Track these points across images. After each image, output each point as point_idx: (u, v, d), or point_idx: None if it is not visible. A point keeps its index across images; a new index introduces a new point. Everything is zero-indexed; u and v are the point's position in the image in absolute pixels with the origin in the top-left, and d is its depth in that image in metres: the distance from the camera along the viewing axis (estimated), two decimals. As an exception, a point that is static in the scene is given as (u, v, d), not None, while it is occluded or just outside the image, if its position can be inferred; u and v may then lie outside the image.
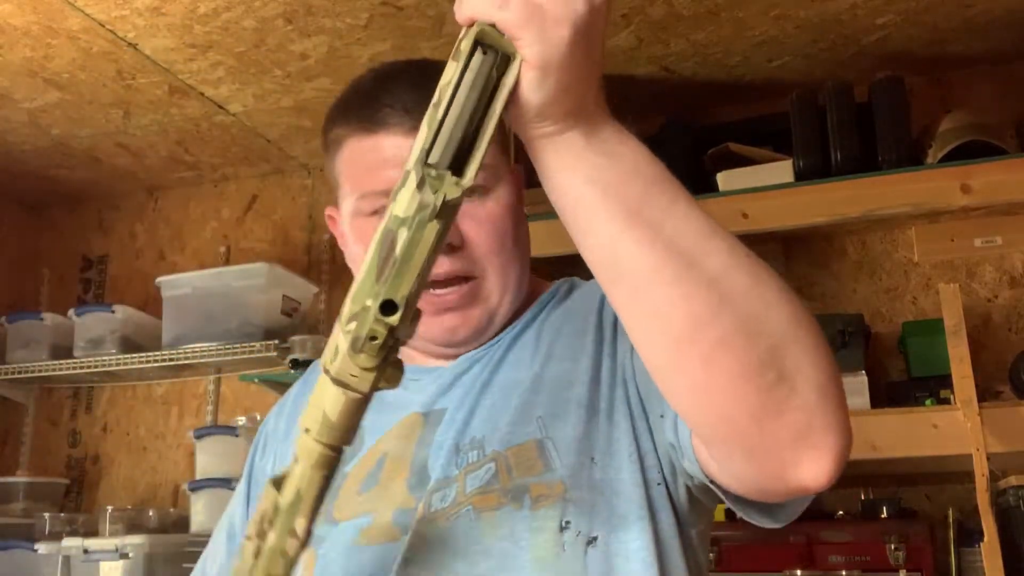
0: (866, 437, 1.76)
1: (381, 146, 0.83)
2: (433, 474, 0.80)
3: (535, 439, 0.79)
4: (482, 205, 0.84)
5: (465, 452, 0.80)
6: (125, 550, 2.14)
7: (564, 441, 0.78)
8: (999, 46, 2.11)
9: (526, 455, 0.78)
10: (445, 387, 0.86)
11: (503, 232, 0.85)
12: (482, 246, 0.84)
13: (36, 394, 2.84)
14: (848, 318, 1.94)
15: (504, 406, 0.82)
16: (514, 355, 0.86)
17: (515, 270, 0.87)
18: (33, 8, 1.89)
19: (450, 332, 0.85)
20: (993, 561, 1.57)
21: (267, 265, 2.37)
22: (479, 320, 0.86)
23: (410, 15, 1.93)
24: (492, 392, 0.84)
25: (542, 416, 0.80)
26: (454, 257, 0.83)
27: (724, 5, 1.90)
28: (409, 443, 0.84)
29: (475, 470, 0.79)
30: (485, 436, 0.80)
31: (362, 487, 0.84)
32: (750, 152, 2.06)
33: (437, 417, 0.84)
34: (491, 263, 0.85)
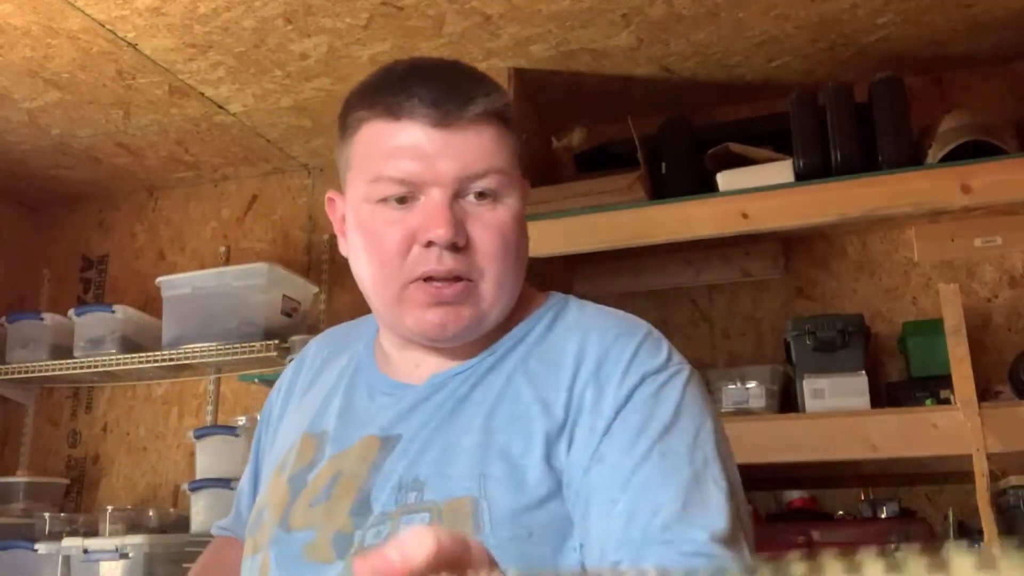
0: (866, 437, 1.76)
1: (402, 134, 0.83)
2: (375, 506, 0.80)
3: (472, 497, 0.77)
4: (492, 210, 0.85)
5: (407, 490, 0.80)
6: (125, 550, 2.14)
7: (501, 508, 0.77)
8: (999, 46, 2.11)
9: (460, 511, 0.77)
10: (405, 411, 0.86)
11: (507, 240, 0.85)
12: (485, 250, 0.84)
13: (36, 394, 2.84)
14: (848, 318, 1.94)
15: (454, 448, 0.81)
16: (480, 393, 0.85)
17: (511, 279, 0.87)
18: (33, 8, 1.89)
19: (440, 327, 0.85)
20: (993, 561, 1.57)
21: (267, 265, 2.37)
22: (469, 319, 0.85)
23: (410, 15, 1.93)
24: (448, 430, 0.83)
25: (485, 475, 0.78)
26: (457, 256, 0.83)
27: (724, 5, 1.90)
28: (363, 466, 0.84)
29: (411, 513, 0.79)
30: (428, 478, 0.80)
31: (313, 500, 0.85)
32: (750, 152, 2.06)
33: (392, 443, 0.84)
34: (490, 268, 0.84)
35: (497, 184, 0.84)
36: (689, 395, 0.82)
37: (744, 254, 2.25)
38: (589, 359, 0.83)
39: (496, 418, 0.82)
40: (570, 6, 1.89)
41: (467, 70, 0.90)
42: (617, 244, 1.98)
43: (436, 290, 0.84)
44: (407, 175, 0.82)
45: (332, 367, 0.99)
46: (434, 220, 0.81)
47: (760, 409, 1.92)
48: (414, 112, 0.82)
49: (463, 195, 0.83)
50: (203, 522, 2.25)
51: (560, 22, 1.96)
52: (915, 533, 1.83)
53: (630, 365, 0.82)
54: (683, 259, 2.27)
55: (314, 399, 0.96)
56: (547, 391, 0.83)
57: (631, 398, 0.80)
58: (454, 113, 0.82)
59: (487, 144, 0.84)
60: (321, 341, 1.07)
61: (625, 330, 0.86)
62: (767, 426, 1.85)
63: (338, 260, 2.65)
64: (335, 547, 0.80)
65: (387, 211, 0.84)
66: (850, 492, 2.03)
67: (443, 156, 0.82)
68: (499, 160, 0.84)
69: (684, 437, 0.78)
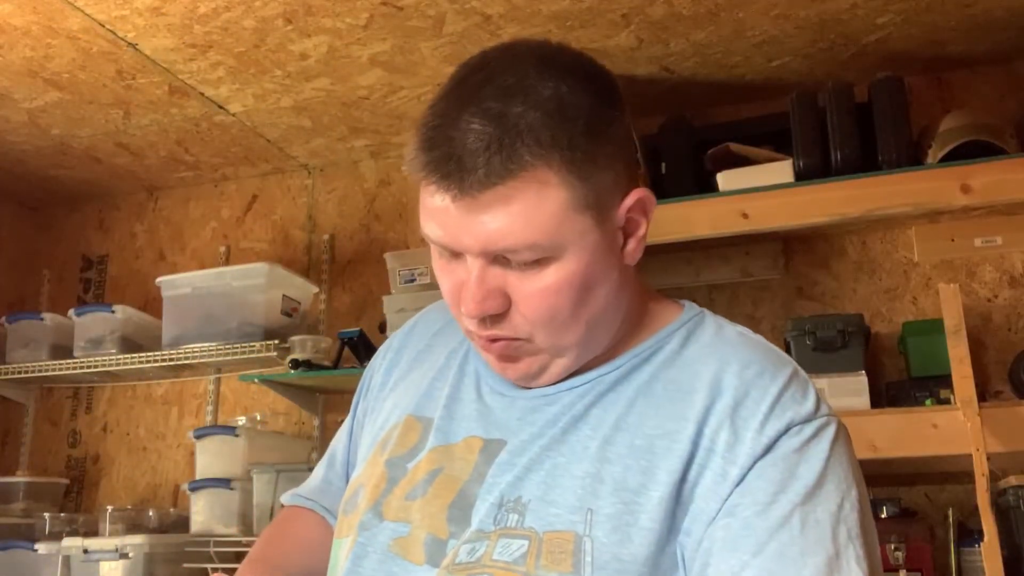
0: (866, 437, 1.76)
1: (431, 198, 0.74)
2: (474, 519, 0.76)
3: (575, 533, 0.72)
4: (537, 275, 0.74)
5: (507, 511, 0.75)
6: (125, 550, 2.14)
7: (605, 551, 0.71)
8: (999, 46, 2.11)
9: (561, 547, 0.72)
10: (514, 418, 0.81)
11: (555, 306, 0.75)
12: (528, 317, 0.76)
13: (36, 394, 2.84)
14: (848, 318, 1.95)
15: (564, 473, 0.76)
16: (598, 414, 0.79)
17: (574, 335, 0.78)
18: (33, 8, 1.89)
19: (502, 373, 0.82)
20: (993, 561, 1.57)
21: (267, 265, 2.37)
22: (527, 370, 0.80)
23: (410, 15, 1.93)
24: (559, 450, 0.77)
25: (593, 510, 0.73)
26: (497, 322, 0.76)
27: (724, 5, 1.90)
28: (466, 468, 0.80)
29: (509, 537, 0.74)
30: (531, 501, 0.75)
31: (410, 493, 0.81)
32: (750, 152, 2.06)
33: (494, 448, 0.80)
34: (539, 332, 0.77)
35: (533, 256, 0.73)
36: (837, 454, 0.73)
37: (744, 254, 2.25)
38: (726, 394, 0.75)
39: (613, 447, 0.76)
40: (570, 6, 1.89)
41: (536, 94, 0.73)
42: (617, 244, 1.98)
43: (485, 344, 0.79)
44: (439, 242, 0.76)
45: (442, 345, 0.94)
46: (465, 292, 0.75)
47: (760, 409, 1.91)
48: (437, 179, 0.73)
49: (504, 259, 0.74)
50: (203, 522, 2.25)
51: (560, 22, 1.96)
52: (915, 533, 1.83)
53: (773, 409, 0.74)
54: (683, 259, 2.27)
55: (421, 378, 0.92)
56: (673, 422, 0.75)
57: (772, 448, 0.72)
58: (476, 188, 0.71)
59: (515, 220, 0.71)
60: (434, 312, 1.00)
61: (769, 367, 0.77)
62: (767, 426, 1.84)
63: (338, 260, 2.65)
64: (426, 550, 0.77)
65: (441, 258, 0.79)
66: (850, 492, 2.03)
67: (465, 231, 0.73)
68: (530, 233, 0.72)
69: (828, 506, 0.70)
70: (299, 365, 2.26)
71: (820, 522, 0.69)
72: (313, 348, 2.30)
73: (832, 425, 0.75)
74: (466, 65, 0.78)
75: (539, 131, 0.71)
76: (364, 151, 2.64)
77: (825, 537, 0.68)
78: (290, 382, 2.35)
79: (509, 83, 0.73)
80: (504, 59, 0.76)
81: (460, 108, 0.73)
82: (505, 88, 0.72)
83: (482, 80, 0.74)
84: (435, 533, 0.77)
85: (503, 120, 0.71)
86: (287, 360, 2.27)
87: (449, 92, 0.76)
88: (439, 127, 0.73)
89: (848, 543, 0.69)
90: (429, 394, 0.89)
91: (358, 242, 2.65)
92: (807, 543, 0.68)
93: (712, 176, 2.06)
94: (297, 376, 2.28)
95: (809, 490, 0.70)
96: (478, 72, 0.75)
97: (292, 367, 2.26)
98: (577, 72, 0.76)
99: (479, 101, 0.72)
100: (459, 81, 0.76)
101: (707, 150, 2.12)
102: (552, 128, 0.71)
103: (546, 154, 0.71)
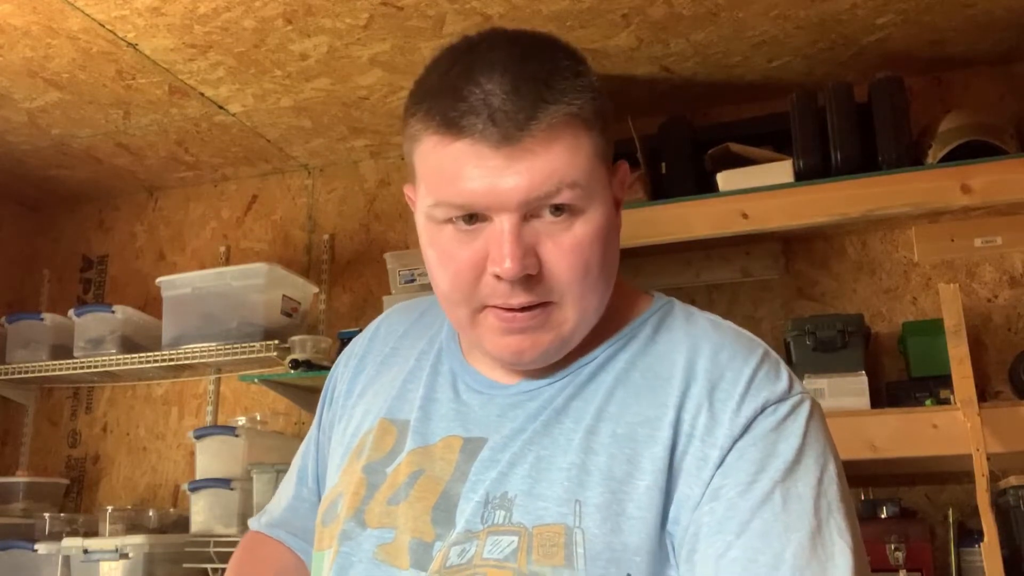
0: (866, 437, 1.76)
1: (460, 155, 0.73)
2: (459, 519, 0.76)
3: (565, 525, 0.72)
4: (568, 229, 0.75)
5: (494, 508, 0.75)
6: (125, 550, 2.14)
7: (596, 541, 0.72)
8: (999, 46, 2.11)
9: (551, 540, 0.72)
10: (494, 415, 0.81)
11: (588, 259, 0.76)
12: (562, 276, 0.76)
13: (36, 394, 2.84)
14: (848, 318, 1.94)
15: (549, 465, 0.76)
16: (578, 406, 0.79)
17: (596, 298, 0.79)
18: (33, 8, 1.89)
19: (517, 354, 0.79)
20: (993, 561, 1.57)
21: (267, 265, 2.37)
22: (549, 344, 0.79)
23: (410, 15, 1.93)
24: (542, 443, 0.77)
25: (581, 501, 0.73)
26: (531, 286, 0.75)
27: (724, 5, 1.90)
28: (447, 468, 0.79)
29: (498, 534, 0.74)
30: (518, 496, 0.75)
31: (392, 498, 0.80)
32: (750, 152, 2.06)
33: (476, 446, 0.79)
34: (571, 292, 0.77)
35: (572, 199, 0.74)
36: (813, 430, 0.75)
37: (744, 254, 2.25)
38: (701, 378, 0.77)
39: (596, 437, 0.76)
40: (570, 6, 1.89)
41: (541, 56, 0.76)
42: (617, 244, 1.98)
43: (511, 317, 0.77)
44: (468, 201, 0.74)
45: (409, 348, 0.93)
46: (500, 252, 0.73)
47: (760, 409, 1.91)
48: (473, 130, 0.72)
49: (535, 215, 0.74)
50: (203, 522, 2.25)
51: (560, 22, 1.96)
52: (915, 533, 1.83)
53: (748, 390, 0.75)
54: (683, 259, 2.27)
55: (391, 381, 0.90)
56: (653, 409, 0.77)
57: (749, 429, 0.74)
58: (517, 129, 0.71)
59: (558, 158, 0.73)
60: (395, 315, 0.99)
61: (741, 349, 0.79)
62: (767, 426, 1.84)
63: (338, 260, 2.65)
64: (411, 553, 0.76)
65: (455, 232, 0.76)
66: (850, 492, 2.03)
67: (505, 179, 0.72)
68: (573, 172, 0.74)
69: (808, 479, 0.72)
70: (299, 365, 2.26)
71: (801, 496, 0.71)
72: (313, 348, 2.30)
73: (806, 402, 0.77)
74: (455, 46, 0.80)
75: (568, 79, 0.75)
76: (364, 151, 2.64)
77: (807, 511, 0.70)
78: (290, 382, 2.35)
79: (522, 47, 0.76)
80: (494, 38, 0.79)
81: (477, 66, 0.74)
82: (517, 53, 0.75)
83: (487, 48, 0.76)
84: (420, 536, 0.77)
85: (534, 77, 0.73)
86: (287, 360, 2.27)
87: (453, 58, 0.77)
88: (459, 82, 0.74)
89: (829, 516, 0.71)
90: (402, 396, 0.88)
91: (358, 242, 2.65)
92: (790, 518, 0.70)
93: (712, 176, 2.06)
94: (297, 376, 2.28)
95: (788, 466, 0.72)
96: (476, 44, 0.78)
97: (292, 367, 2.26)
98: (563, 44, 0.80)
99: (497, 60, 0.74)
100: (460, 52, 0.78)
101: (707, 150, 2.12)
102: (577, 77, 0.75)
103: (580, 98, 0.74)
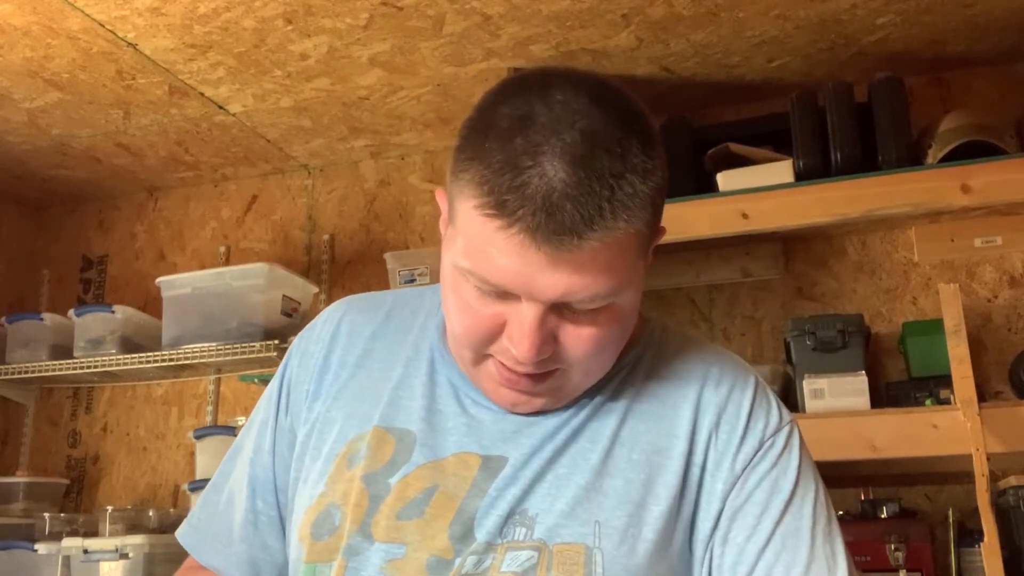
0: (866, 437, 1.76)
1: (505, 240, 0.69)
2: (479, 533, 0.76)
3: (585, 545, 0.75)
4: (593, 321, 0.74)
5: (514, 524, 0.77)
6: (125, 550, 2.14)
7: (614, 562, 0.75)
8: (999, 46, 2.11)
9: (572, 557, 0.75)
10: (511, 432, 0.81)
11: (606, 343, 0.77)
12: (575, 354, 0.76)
13: (36, 394, 2.84)
14: (848, 318, 1.94)
15: (568, 484, 0.78)
16: (595, 428, 0.81)
17: (605, 366, 0.80)
18: (33, 8, 1.89)
19: (512, 406, 0.81)
20: (993, 561, 1.57)
21: (267, 265, 2.37)
22: (545, 404, 0.80)
23: (410, 15, 1.93)
24: (560, 462, 0.79)
25: (600, 523, 0.76)
26: (542, 361, 0.75)
27: (724, 5, 1.90)
28: (463, 484, 0.79)
29: (517, 550, 0.76)
30: (539, 515, 0.77)
31: (402, 512, 0.79)
32: (750, 152, 2.06)
33: (496, 465, 0.79)
34: (580, 366, 0.77)
35: (604, 303, 0.73)
36: (803, 460, 0.83)
37: (744, 254, 2.25)
38: (707, 411, 0.82)
39: (613, 460, 0.79)
40: (570, 6, 1.89)
41: (613, 141, 0.70)
42: (617, 244, 1.97)
43: (515, 378, 0.77)
44: (500, 282, 0.72)
45: (387, 352, 0.89)
46: (520, 335, 0.73)
47: (760, 409, 1.91)
48: (523, 221, 0.68)
49: (566, 307, 0.73)
50: (203, 522, 2.25)
51: (560, 22, 1.96)
52: (915, 533, 1.83)
53: (748, 424, 0.82)
54: (683, 259, 2.27)
55: (375, 387, 0.87)
56: (665, 439, 0.81)
57: (751, 466, 0.81)
58: (569, 235, 0.68)
59: (603, 274, 0.71)
60: (356, 314, 0.94)
61: (740, 381, 0.85)
62: (767, 426, 1.84)
63: (338, 260, 2.65)
64: (429, 571, 0.76)
65: (480, 291, 0.75)
66: (850, 492, 2.03)
67: (544, 276, 0.70)
68: (614, 284, 0.72)
69: (804, 510, 0.80)
70: (299, 365, 2.25)
71: (800, 531, 0.79)
72: (313, 348, 2.30)
73: (794, 429, 0.85)
74: (527, 91, 0.73)
75: (637, 181, 0.70)
76: (364, 151, 2.64)
77: (804, 543, 0.78)
78: (290, 382, 2.35)
79: (594, 129, 0.70)
80: (568, 96, 0.72)
81: (546, 142, 0.69)
82: (592, 136, 0.69)
83: (557, 120, 0.70)
84: (440, 554, 0.76)
85: (601, 178, 0.69)
86: (287, 360, 2.27)
87: (522, 116, 0.71)
88: (521, 159, 0.68)
89: (826, 542, 0.79)
90: (395, 404, 0.85)
91: (358, 242, 2.65)
92: (791, 556, 0.78)
93: (712, 176, 2.06)
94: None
95: (786, 503, 0.79)
96: (550, 99, 0.71)
97: (292, 367, 2.26)
98: (639, 117, 0.75)
99: (568, 147, 0.69)
100: (530, 107, 0.71)
101: (707, 150, 2.12)
102: (647, 178, 0.71)
103: (638, 219, 0.71)
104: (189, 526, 0.99)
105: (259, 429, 0.93)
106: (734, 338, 2.27)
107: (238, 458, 0.95)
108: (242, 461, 0.94)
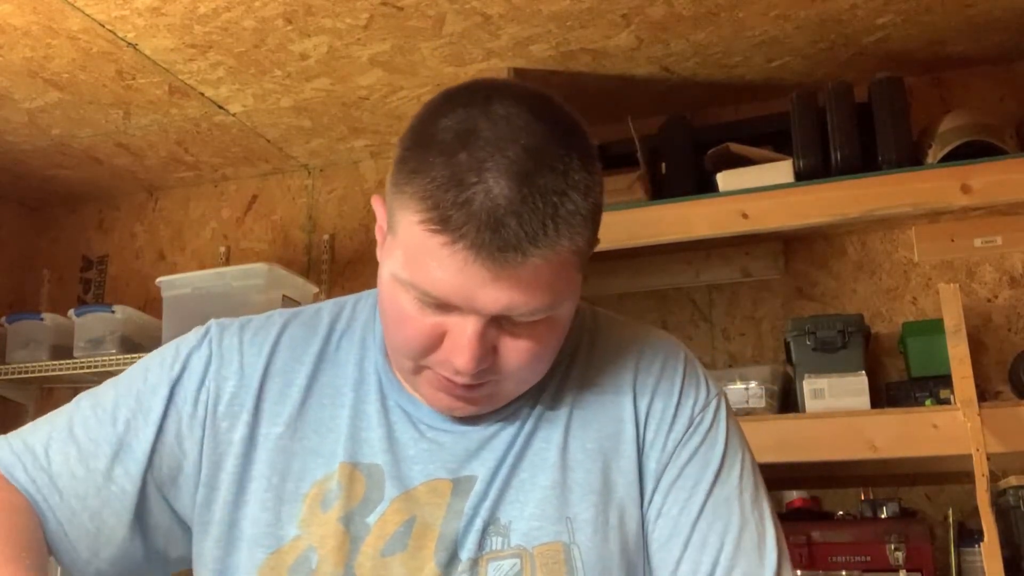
0: (866, 437, 1.76)
1: (447, 255, 0.69)
2: (462, 554, 0.77)
3: (562, 543, 0.78)
4: (532, 332, 0.75)
5: (490, 535, 0.78)
6: (125, 550, 2.13)
7: (591, 554, 0.78)
8: (999, 46, 2.11)
9: (552, 557, 0.77)
10: (474, 450, 0.82)
11: (543, 352, 0.78)
12: (512, 365, 0.76)
13: (36, 394, 2.83)
14: (848, 318, 1.94)
15: (534, 487, 0.80)
16: (547, 427, 0.83)
17: (541, 373, 0.81)
18: (33, 8, 1.89)
19: (449, 410, 0.81)
20: (993, 561, 1.57)
21: (267, 265, 2.37)
22: (481, 408, 0.81)
23: (410, 15, 1.93)
24: (523, 466, 0.81)
25: (571, 518, 0.79)
26: (480, 373, 0.75)
27: (724, 5, 1.90)
28: (438, 510, 0.79)
29: (499, 559, 0.77)
30: (511, 521, 0.79)
31: (386, 548, 0.78)
32: (750, 152, 2.06)
33: (467, 486, 0.80)
34: (517, 375, 0.78)
35: (543, 316, 0.74)
36: (731, 431, 0.85)
37: (744, 254, 2.25)
38: (645, 391, 0.85)
39: (569, 453, 0.82)
40: (570, 6, 1.89)
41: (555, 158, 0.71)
42: (617, 244, 1.98)
43: (452, 386, 0.77)
44: (441, 295, 0.72)
45: (333, 374, 0.87)
46: (460, 347, 0.73)
47: (760, 409, 1.92)
48: (466, 237, 0.68)
49: (506, 321, 0.74)
50: (203, 522, 2.24)
51: (560, 22, 1.96)
52: (915, 533, 1.83)
53: (680, 400, 0.85)
54: (683, 259, 2.27)
55: (333, 420, 0.84)
56: (612, 424, 0.84)
57: (684, 443, 0.83)
58: (512, 252, 0.68)
59: (545, 290, 0.72)
60: (295, 329, 0.91)
61: (671, 358, 0.87)
62: (767, 426, 1.85)
63: (338, 260, 2.65)
64: None
65: (419, 303, 0.74)
66: (850, 492, 2.03)
67: (486, 291, 0.70)
68: (555, 299, 0.73)
69: (732, 479, 0.83)
70: (299, 365, 2.25)
71: (730, 500, 0.82)
72: (313, 348, 2.30)
73: (721, 401, 0.87)
74: (469, 105, 0.72)
75: (579, 198, 0.71)
76: (364, 151, 2.64)
77: (734, 511, 0.81)
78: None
79: (537, 145, 0.70)
80: (510, 110, 0.72)
81: (488, 165, 0.68)
82: (535, 152, 0.70)
83: (501, 136, 0.70)
84: None
85: (545, 195, 0.69)
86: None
87: (465, 131, 0.70)
88: (466, 175, 0.68)
89: (753, 507, 0.82)
90: (355, 437, 0.83)
91: (358, 242, 2.65)
92: (723, 524, 0.80)
93: (712, 176, 2.06)
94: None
95: (716, 474, 0.82)
96: (488, 121, 0.71)
97: (292, 367, 2.26)
98: (579, 133, 0.76)
99: (512, 163, 0.69)
100: (468, 130, 0.70)
101: (707, 150, 2.12)
102: (587, 195, 0.72)
103: (579, 236, 0.72)
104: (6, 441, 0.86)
105: (145, 418, 0.85)
106: (734, 338, 2.27)
107: (116, 415, 0.85)
108: (114, 418, 0.85)
